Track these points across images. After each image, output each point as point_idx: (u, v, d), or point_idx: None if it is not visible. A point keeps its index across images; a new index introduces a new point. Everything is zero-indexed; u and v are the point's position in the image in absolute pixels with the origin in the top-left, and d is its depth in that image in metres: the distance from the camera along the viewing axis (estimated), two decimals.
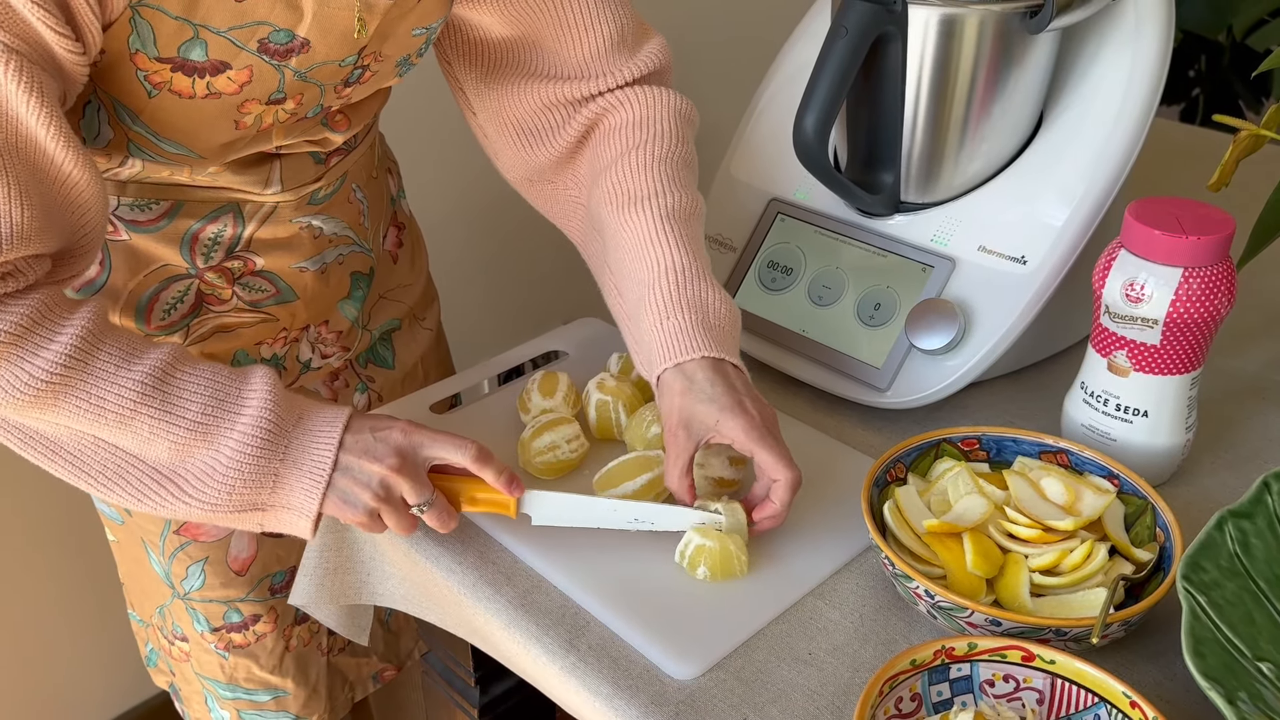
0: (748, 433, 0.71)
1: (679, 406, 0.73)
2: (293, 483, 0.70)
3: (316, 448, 0.71)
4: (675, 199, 0.80)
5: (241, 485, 0.69)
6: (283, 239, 0.86)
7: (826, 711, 0.64)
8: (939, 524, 0.68)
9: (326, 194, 0.88)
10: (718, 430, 0.72)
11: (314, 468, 0.70)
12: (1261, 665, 0.60)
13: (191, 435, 0.69)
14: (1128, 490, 0.72)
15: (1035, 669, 0.60)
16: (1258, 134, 0.78)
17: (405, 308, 1.02)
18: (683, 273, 0.77)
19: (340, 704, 1.04)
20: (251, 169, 0.82)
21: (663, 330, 0.75)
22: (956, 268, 0.86)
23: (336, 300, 0.92)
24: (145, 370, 0.68)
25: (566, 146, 0.86)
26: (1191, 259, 0.71)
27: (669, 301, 0.76)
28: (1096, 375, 0.78)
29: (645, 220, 0.79)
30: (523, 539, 0.76)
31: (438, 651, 0.92)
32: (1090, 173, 0.84)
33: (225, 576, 0.93)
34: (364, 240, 0.93)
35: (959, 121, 0.85)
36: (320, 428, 0.71)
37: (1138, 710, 0.56)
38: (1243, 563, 0.65)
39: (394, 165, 1.03)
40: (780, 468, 0.71)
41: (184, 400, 0.69)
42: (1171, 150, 1.26)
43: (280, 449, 0.70)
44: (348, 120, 0.85)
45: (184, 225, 0.82)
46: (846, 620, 0.70)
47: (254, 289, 0.86)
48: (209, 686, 0.99)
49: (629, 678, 0.66)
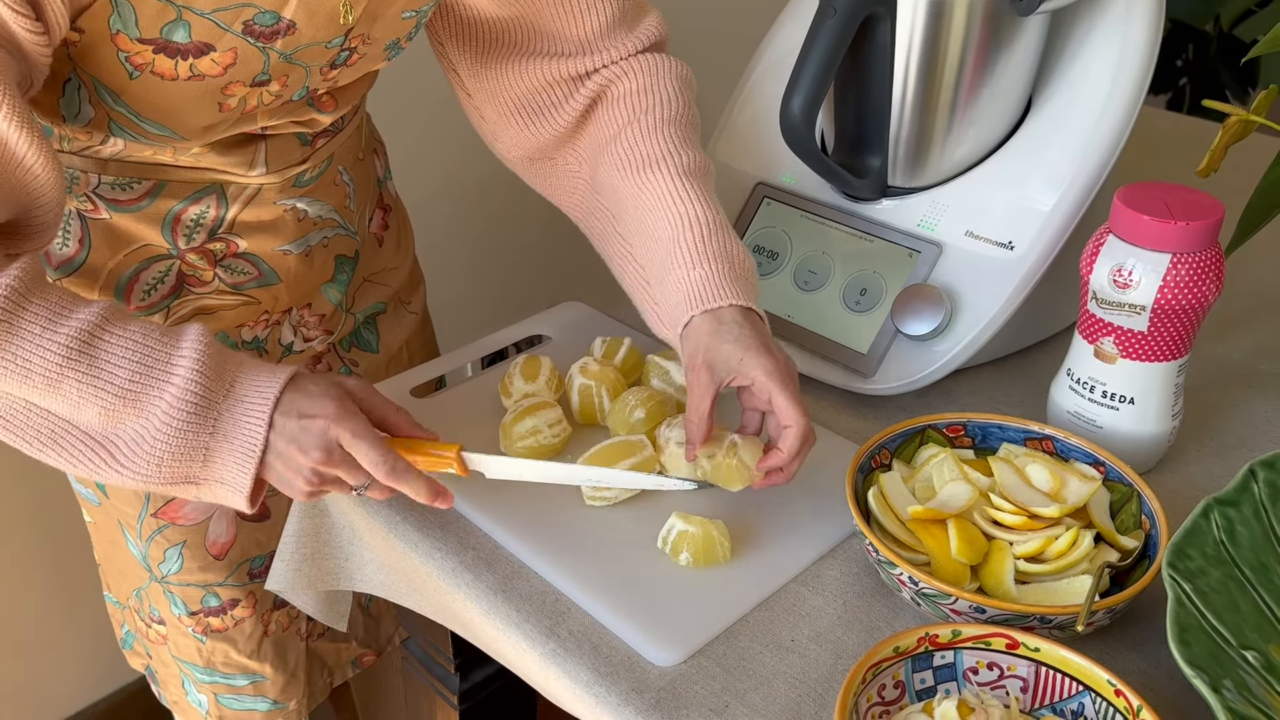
0: (770, 373, 0.70)
1: (705, 346, 0.72)
2: (224, 457, 0.67)
3: (248, 423, 0.67)
4: (689, 158, 0.80)
5: (170, 459, 0.66)
6: (266, 221, 0.84)
7: (809, 699, 0.63)
8: (923, 510, 0.67)
9: (312, 176, 0.86)
10: (740, 370, 0.71)
11: (245, 443, 0.67)
12: (1247, 653, 0.59)
13: (120, 401, 0.65)
14: (1113, 477, 0.71)
15: (1019, 657, 0.60)
16: (1247, 119, 0.78)
17: (390, 291, 1.01)
18: (707, 225, 0.77)
19: (319, 689, 1.03)
20: (236, 150, 0.80)
21: (690, 279, 0.74)
22: (943, 253, 0.85)
23: (320, 283, 0.91)
24: (71, 332, 0.64)
25: (570, 122, 0.85)
26: (1180, 244, 0.70)
27: (696, 252, 0.75)
28: (1083, 362, 0.77)
29: (663, 179, 0.79)
30: (503, 524, 0.75)
31: (417, 638, 0.91)
32: (1079, 158, 0.83)
33: (203, 560, 0.92)
34: (349, 223, 0.92)
35: (947, 104, 0.84)
36: (251, 399, 0.68)
37: (1122, 699, 0.56)
38: (1228, 550, 0.65)
39: (380, 146, 1.02)
40: (794, 413, 0.70)
41: (111, 364, 0.65)
42: (1158, 138, 1.26)
43: (210, 422, 0.67)
44: (334, 101, 0.83)
45: (166, 206, 0.81)
46: (830, 607, 0.69)
47: (236, 271, 0.85)
48: (186, 670, 0.98)
49: (609, 664, 0.65)
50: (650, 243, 0.78)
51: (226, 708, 0.99)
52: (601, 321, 0.98)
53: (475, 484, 0.77)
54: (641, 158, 0.80)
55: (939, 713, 0.57)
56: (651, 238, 0.78)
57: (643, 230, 0.79)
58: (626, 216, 0.81)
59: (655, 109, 0.82)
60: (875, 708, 0.59)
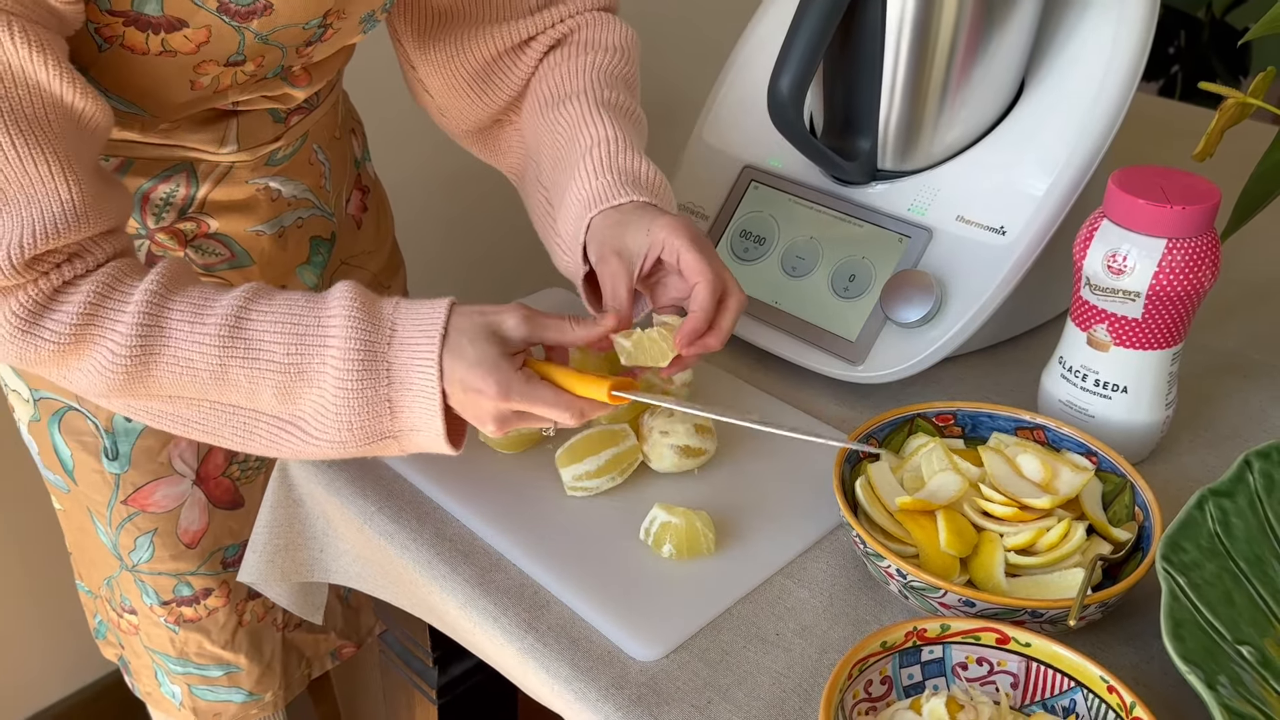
0: (675, 230, 0.68)
1: (610, 236, 0.70)
2: (409, 404, 0.65)
3: (419, 366, 0.64)
4: (611, 95, 0.78)
5: (359, 420, 0.65)
6: (238, 201, 0.82)
7: (793, 694, 0.61)
8: (912, 501, 0.66)
9: (286, 154, 0.84)
10: (650, 239, 0.68)
11: (424, 387, 0.64)
12: (1242, 648, 0.58)
13: (287, 377, 0.64)
14: (1106, 468, 0.70)
15: (1010, 652, 0.58)
16: (1245, 102, 0.76)
17: (369, 275, 0.98)
18: (615, 142, 0.74)
19: (296, 681, 1.01)
20: (206, 127, 0.78)
21: (590, 187, 0.73)
22: (934, 238, 0.83)
23: (294, 266, 0.89)
24: (218, 321, 0.64)
25: (520, 85, 0.84)
26: (1176, 229, 0.69)
27: (600, 166, 0.73)
28: (1076, 350, 0.76)
29: (577, 109, 0.77)
30: (482, 515, 0.73)
31: (395, 631, 0.89)
32: (1072, 141, 0.81)
33: (175, 549, 0.90)
34: (325, 203, 0.89)
35: (939, 86, 0.82)
36: (417, 343, 0.64)
37: (1115, 695, 0.54)
38: (1223, 543, 0.63)
39: (358, 126, 0.99)
40: (702, 266, 0.67)
41: (266, 342, 0.64)
42: (1152, 125, 1.24)
43: (382, 374, 0.64)
44: (308, 76, 0.81)
45: (134, 184, 0.78)
46: (816, 600, 0.67)
47: (207, 252, 0.83)
48: (159, 660, 0.96)
49: (589, 659, 0.64)
50: (556, 176, 0.76)
51: (200, 699, 0.97)
52: (581, 308, 0.96)
53: (452, 473, 0.76)
54: (561, 94, 0.78)
55: (927, 710, 0.55)
56: (559, 170, 0.76)
57: (555, 167, 0.77)
58: (543, 160, 0.79)
59: (589, 55, 0.81)
60: (861, 704, 0.57)
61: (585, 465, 0.74)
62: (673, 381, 0.82)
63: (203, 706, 0.97)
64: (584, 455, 0.74)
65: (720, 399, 0.84)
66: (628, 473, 0.75)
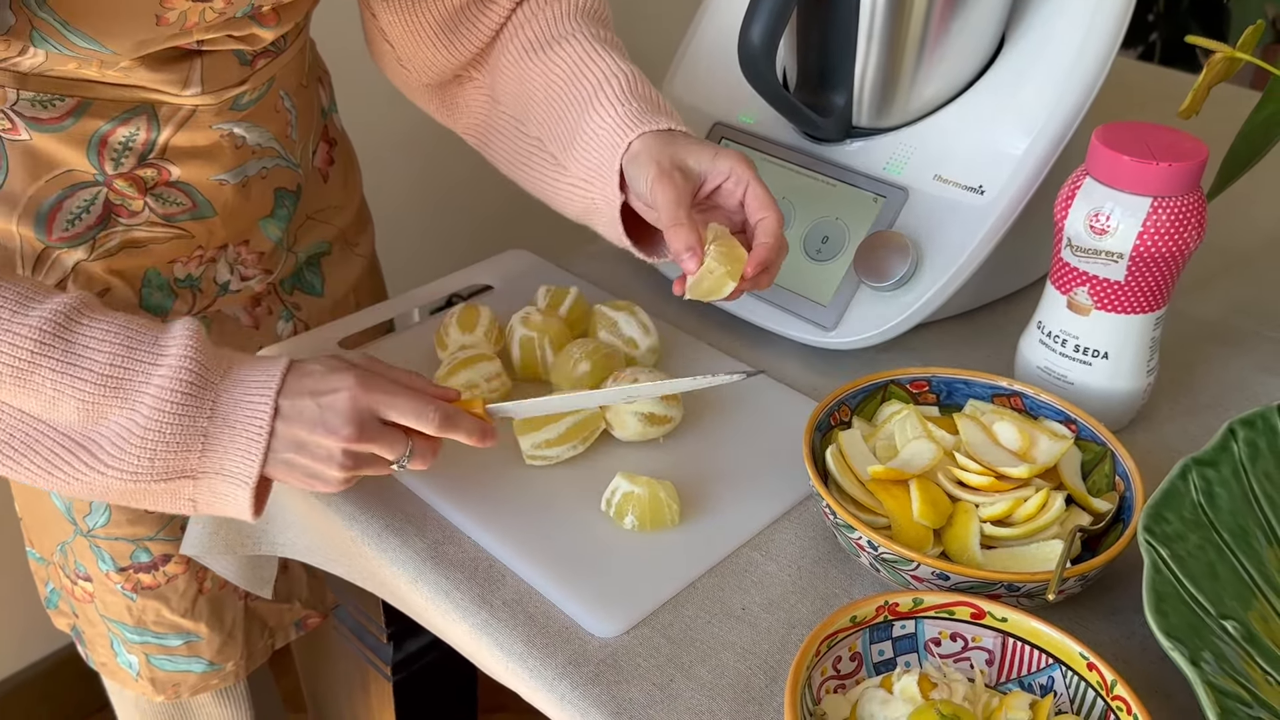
0: (744, 162, 0.68)
1: (669, 154, 0.69)
2: (225, 443, 0.61)
3: (250, 403, 0.61)
4: (607, 35, 0.77)
5: (164, 447, 0.60)
6: (201, 147, 0.78)
7: (759, 672, 0.58)
8: (884, 470, 0.63)
9: (251, 99, 0.79)
10: (716, 161, 0.69)
11: (249, 424, 0.61)
12: (1226, 623, 0.56)
13: (101, 390, 0.60)
14: (1085, 436, 0.67)
15: (985, 627, 0.55)
16: (1233, 57, 0.73)
17: (335, 230, 0.94)
18: (630, 75, 0.73)
19: (259, 651, 0.97)
20: (169, 67, 0.73)
21: (619, 113, 0.71)
22: (910, 198, 0.80)
23: (258, 218, 0.84)
24: (44, 316, 0.59)
25: (488, 36, 0.80)
26: (1161, 188, 0.66)
27: (622, 93, 0.72)
28: (1055, 314, 0.73)
29: (576, 49, 0.75)
30: (435, 486, 0.70)
31: (348, 606, 0.86)
32: (1053, 99, 0.78)
33: (132, 513, 0.86)
34: (291, 154, 0.85)
35: (916, 38, 0.79)
36: (254, 378, 0.62)
37: (1095, 673, 0.52)
38: (1206, 514, 0.61)
39: (325, 75, 0.94)
40: (772, 202, 0.68)
41: (90, 349, 0.60)
42: (1133, 88, 1.21)
43: (207, 403, 0.61)
44: (277, 16, 0.76)
45: (92, 126, 0.74)
46: (784, 573, 0.64)
47: (168, 201, 0.78)
48: (115, 629, 0.92)
49: (545, 635, 0.61)
50: (562, 114, 0.74)
51: (159, 669, 0.93)
52: (548, 271, 0.92)
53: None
54: (550, 35, 0.76)
55: (898, 688, 0.52)
56: (564, 108, 0.74)
57: (553, 108, 0.75)
58: (534, 106, 0.77)
59: (572, 1, 0.79)
60: (830, 681, 0.54)
61: (545, 433, 0.70)
62: (638, 346, 0.79)
63: (161, 677, 0.94)
64: (544, 423, 0.71)
65: (687, 365, 0.81)
66: (589, 441, 0.72)
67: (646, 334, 0.79)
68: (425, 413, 0.63)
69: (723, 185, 0.70)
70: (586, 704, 0.57)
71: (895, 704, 0.51)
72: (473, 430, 0.65)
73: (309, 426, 0.61)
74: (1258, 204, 1.02)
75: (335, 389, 0.62)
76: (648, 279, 0.92)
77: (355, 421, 0.61)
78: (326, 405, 0.61)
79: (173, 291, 0.82)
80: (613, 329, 0.80)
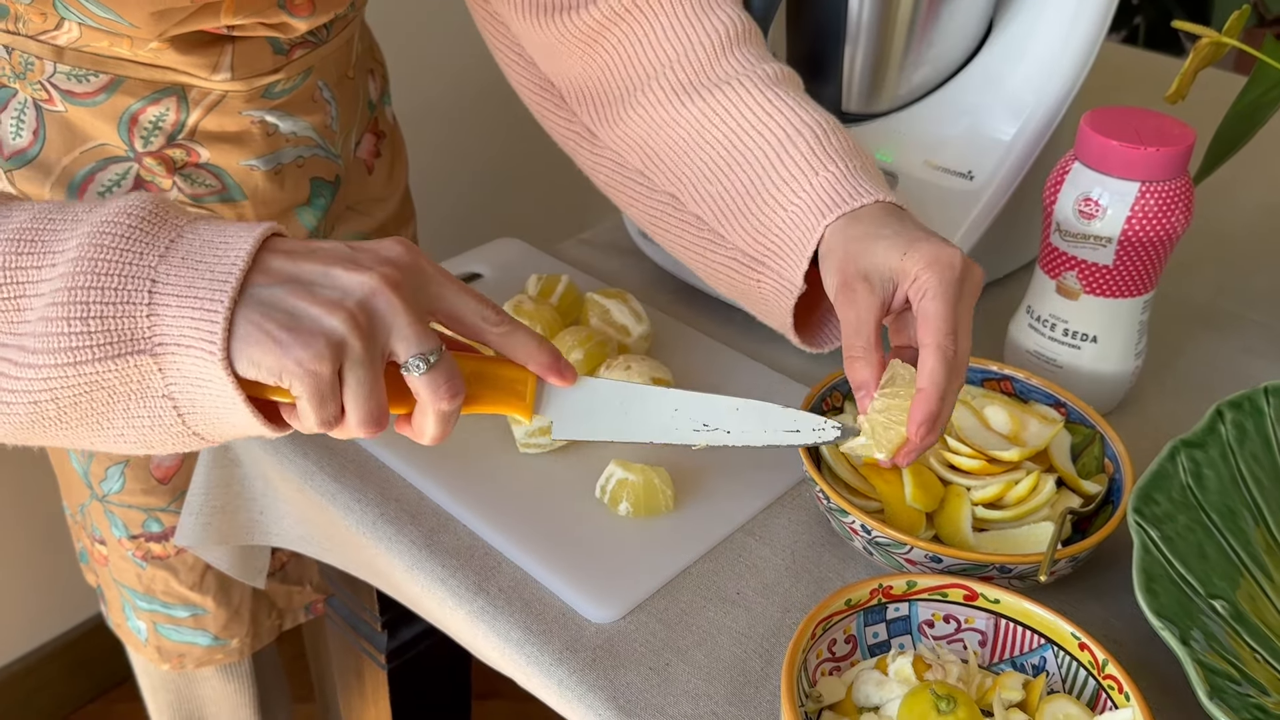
0: (933, 265, 0.53)
1: (853, 253, 0.55)
2: (180, 286, 0.43)
3: (224, 239, 0.44)
4: (772, 70, 0.64)
5: (98, 296, 0.42)
6: (230, 132, 0.76)
7: (754, 655, 0.59)
8: None
9: (285, 89, 0.78)
10: (904, 261, 0.53)
11: (217, 260, 0.43)
12: (1215, 603, 0.56)
13: (13, 247, 0.43)
14: (1075, 419, 0.68)
15: (978, 609, 0.56)
16: (1219, 41, 0.73)
17: (375, 223, 0.93)
18: (820, 128, 0.60)
19: (266, 630, 0.97)
20: (199, 50, 0.72)
21: (813, 186, 0.58)
22: (899, 183, 0.80)
23: (293, 205, 0.83)
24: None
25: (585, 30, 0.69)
26: (1149, 172, 0.66)
27: (813, 156, 0.59)
28: (1044, 298, 0.73)
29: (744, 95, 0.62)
30: (429, 473, 0.70)
31: (341, 595, 0.86)
32: (1041, 83, 0.78)
33: (147, 483, 0.85)
34: (330, 144, 0.83)
35: (905, 25, 0.79)
36: (233, 228, 0.45)
37: (1087, 652, 0.53)
38: (1195, 495, 0.62)
39: (378, 67, 0.92)
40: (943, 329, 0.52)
41: (9, 216, 0.45)
42: (1119, 73, 1.22)
43: (161, 241, 0.44)
44: (311, 6, 0.73)
45: (123, 103, 0.73)
46: (778, 557, 0.65)
47: (196, 182, 0.77)
48: (126, 595, 0.92)
49: (542, 622, 0.61)
50: (718, 175, 0.62)
51: (165, 638, 0.93)
52: (539, 259, 0.92)
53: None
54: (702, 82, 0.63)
55: (893, 670, 0.53)
56: (724, 169, 0.62)
57: (701, 167, 0.63)
58: (667, 160, 0.65)
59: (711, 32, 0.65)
60: (825, 663, 0.55)
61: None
62: (630, 334, 0.79)
63: (167, 646, 0.94)
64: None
65: (681, 354, 0.81)
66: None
67: (639, 321, 0.79)
68: (480, 311, 0.49)
69: (911, 292, 0.56)
70: (584, 689, 0.57)
71: (890, 685, 0.52)
72: (542, 344, 0.51)
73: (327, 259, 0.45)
74: (1245, 188, 1.03)
75: (378, 241, 0.47)
76: (639, 266, 0.92)
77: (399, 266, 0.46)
78: (364, 247, 0.46)
79: None
80: (605, 317, 0.80)
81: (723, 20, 0.65)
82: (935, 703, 0.49)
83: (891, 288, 0.55)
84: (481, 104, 1.59)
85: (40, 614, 1.50)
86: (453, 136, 0.90)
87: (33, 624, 1.50)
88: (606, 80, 0.69)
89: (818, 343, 0.64)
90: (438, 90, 1.53)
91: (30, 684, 1.50)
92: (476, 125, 1.61)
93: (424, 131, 1.56)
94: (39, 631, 1.51)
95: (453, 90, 1.55)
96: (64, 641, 1.52)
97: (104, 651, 1.50)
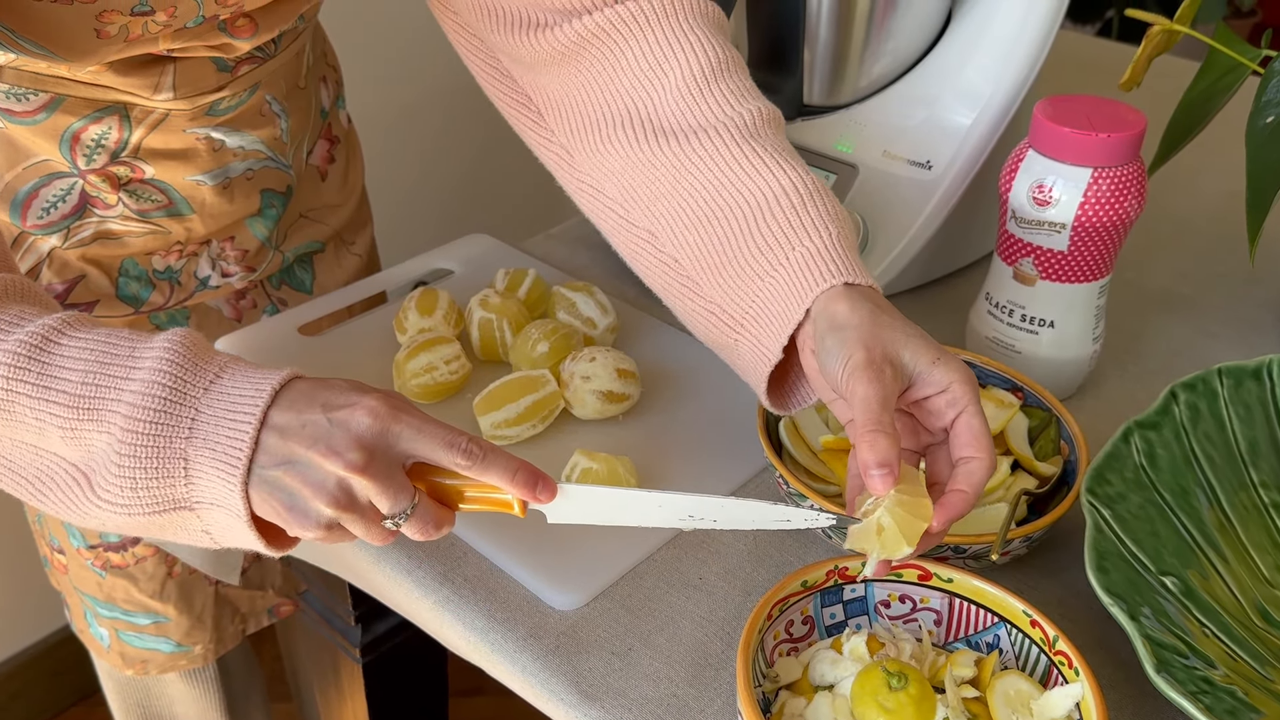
0: (968, 381, 0.54)
1: (883, 339, 0.55)
2: (205, 467, 0.51)
3: (232, 418, 0.51)
4: (751, 114, 0.63)
5: (144, 474, 0.51)
6: (176, 149, 0.76)
7: (715, 638, 0.60)
8: (835, 440, 0.64)
9: (231, 105, 0.77)
10: (931, 376, 0.54)
11: (229, 444, 0.50)
12: (1165, 579, 0.57)
13: (75, 414, 0.51)
14: (1032, 403, 0.69)
15: (932, 588, 0.57)
16: (1171, 29, 0.75)
17: (330, 230, 0.92)
18: (805, 189, 0.60)
19: (229, 635, 0.98)
20: (139, 71, 0.72)
21: (796, 260, 0.58)
22: (859, 174, 0.81)
23: (243, 217, 0.83)
24: (21, 339, 0.52)
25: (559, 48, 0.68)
26: (1101, 158, 0.67)
27: (798, 221, 0.59)
28: (1002, 285, 0.74)
29: (715, 146, 0.62)
30: None
31: (314, 589, 0.86)
32: (997, 74, 0.79)
33: None
34: (281, 156, 0.83)
35: (864, 17, 0.80)
36: (241, 390, 0.52)
37: (1038, 629, 0.53)
38: (1148, 475, 0.63)
39: (331, 72, 0.91)
40: (986, 444, 0.53)
41: (64, 369, 0.52)
42: (1083, 64, 1.23)
43: (185, 422, 0.51)
44: (254, 24, 0.72)
45: (64, 122, 0.73)
46: (740, 543, 0.66)
47: (142, 198, 0.77)
48: (87, 602, 0.92)
49: (506, 610, 0.62)
50: (705, 226, 0.62)
51: (128, 644, 0.94)
52: (507, 254, 0.93)
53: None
54: (682, 125, 0.63)
55: (848, 649, 0.54)
56: (709, 220, 0.62)
57: (683, 214, 0.63)
58: (644, 198, 0.65)
59: (691, 60, 0.64)
60: (783, 644, 0.56)
61: (504, 413, 0.71)
62: (596, 326, 0.80)
63: (130, 652, 0.94)
64: (502, 402, 0.71)
65: (645, 344, 0.82)
66: (549, 420, 0.73)
67: (605, 314, 0.80)
68: (457, 442, 0.52)
69: (931, 399, 0.55)
70: (547, 674, 0.58)
71: (844, 663, 0.53)
72: (515, 474, 0.53)
73: (309, 441, 0.50)
74: (1202, 174, 1.04)
75: (353, 404, 0.51)
76: (605, 260, 0.93)
77: (366, 447, 0.51)
78: (339, 421, 0.51)
79: (150, 282, 0.81)
80: (571, 309, 0.80)
81: (703, 47, 0.64)
82: (887, 679, 0.50)
83: (910, 384, 0.56)
84: (450, 101, 1.59)
85: (17, 620, 1.50)
86: (419, 134, 0.90)
87: (10, 630, 1.50)
88: (583, 101, 0.68)
89: (786, 405, 0.64)
90: (400, 88, 1.52)
91: (9, 690, 1.49)
92: (443, 123, 1.60)
93: (391, 129, 1.56)
94: (17, 638, 1.51)
95: (415, 88, 1.54)
96: (42, 648, 1.52)
97: (82, 658, 1.49)
